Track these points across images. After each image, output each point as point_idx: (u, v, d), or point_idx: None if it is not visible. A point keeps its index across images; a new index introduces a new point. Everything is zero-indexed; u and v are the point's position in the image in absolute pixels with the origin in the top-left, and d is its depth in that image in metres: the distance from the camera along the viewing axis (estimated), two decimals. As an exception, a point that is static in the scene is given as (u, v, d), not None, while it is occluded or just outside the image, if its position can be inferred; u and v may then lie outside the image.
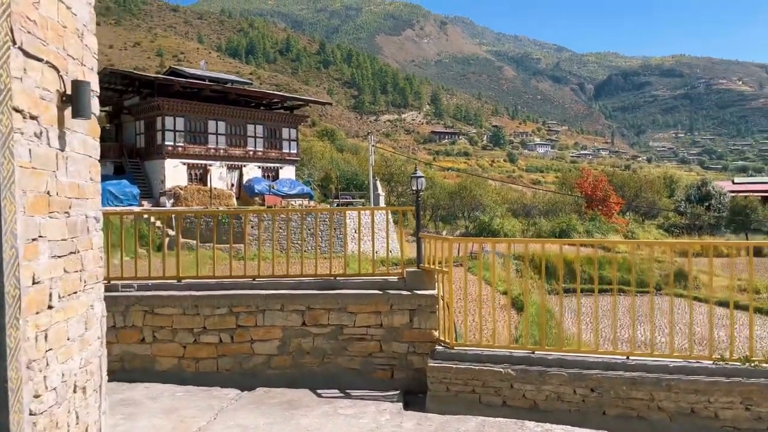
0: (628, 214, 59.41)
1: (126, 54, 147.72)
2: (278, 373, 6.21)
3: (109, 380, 6.67)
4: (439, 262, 6.27)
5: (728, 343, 5.72)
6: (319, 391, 5.90)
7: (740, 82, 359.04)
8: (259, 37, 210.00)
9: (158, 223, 31.61)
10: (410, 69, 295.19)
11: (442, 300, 6.20)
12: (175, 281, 6.53)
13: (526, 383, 5.36)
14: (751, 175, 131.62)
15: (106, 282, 6.78)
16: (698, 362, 5.24)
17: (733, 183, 72.92)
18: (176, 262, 6.58)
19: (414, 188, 7.15)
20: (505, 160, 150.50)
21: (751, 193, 58.02)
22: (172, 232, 31.56)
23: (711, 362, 5.24)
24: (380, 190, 36.67)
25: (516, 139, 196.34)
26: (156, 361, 6.28)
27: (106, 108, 37.26)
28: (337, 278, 6.61)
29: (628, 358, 5.41)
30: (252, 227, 31.94)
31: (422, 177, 7.20)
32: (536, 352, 5.62)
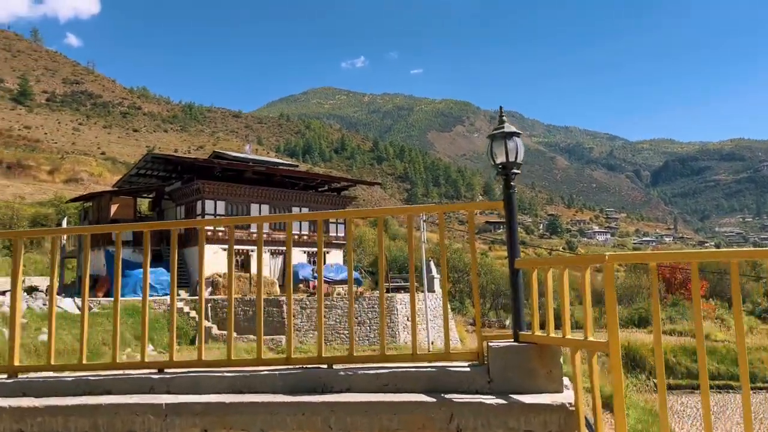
0: (712, 299, 53.43)
1: (189, 156, 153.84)
2: None
3: None
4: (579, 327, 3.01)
5: None
6: None
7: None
8: (316, 138, 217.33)
9: (193, 313, 29.16)
10: (461, 162, 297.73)
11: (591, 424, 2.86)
12: (4, 377, 3.42)
13: None
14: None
15: None
16: None
17: (828, 264, 65.69)
18: (11, 343, 3.49)
19: (501, 161, 3.67)
20: (564, 249, 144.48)
21: None
22: (207, 323, 28.92)
23: None
24: (435, 273, 33.23)
25: (573, 227, 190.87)
26: None
27: (150, 195, 36.15)
28: (333, 366, 3.43)
29: None
30: (293, 315, 28.89)
31: (518, 136, 3.71)
32: None
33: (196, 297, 30.28)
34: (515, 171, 3.72)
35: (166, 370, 3.48)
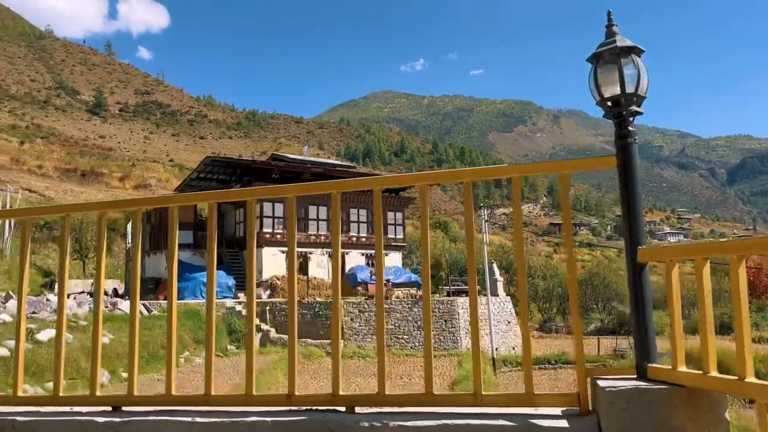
0: (801, 304, 49.22)
1: (247, 159, 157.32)
2: None
3: None
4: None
5: None
6: None
7: None
8: (375, 142, 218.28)
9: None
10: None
11: None
12: None
13: None
14: None
15: None
16: None
17: None
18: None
19: (612, 93, 2.39)
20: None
21: None
22: (265, 327, 28.66)
23: None
24: (498, 275, 31.87)
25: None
26: None
27: (211, 199, 36.50)
28: (354, 410, 2.28)
29: None
30: (351, 319, 28.27)
31: (638, 54, 2.40)
32: None
33: (256, 299, 30.14)
34: (635, 109, 2.41)
35: (123, 408, 2.54)
